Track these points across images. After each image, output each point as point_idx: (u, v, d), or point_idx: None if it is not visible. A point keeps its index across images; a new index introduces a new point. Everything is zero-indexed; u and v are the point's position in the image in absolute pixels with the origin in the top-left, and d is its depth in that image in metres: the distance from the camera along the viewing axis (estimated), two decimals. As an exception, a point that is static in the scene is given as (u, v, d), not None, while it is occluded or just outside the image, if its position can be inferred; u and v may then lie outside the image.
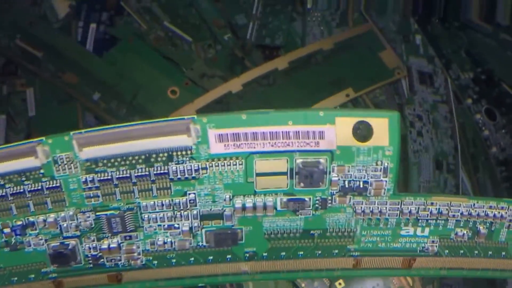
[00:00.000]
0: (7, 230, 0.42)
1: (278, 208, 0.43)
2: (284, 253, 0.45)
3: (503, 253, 0.45)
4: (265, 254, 0.45)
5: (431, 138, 0.64)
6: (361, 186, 0.41)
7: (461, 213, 0.44)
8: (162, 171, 0.41)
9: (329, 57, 0.66)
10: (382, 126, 0.40)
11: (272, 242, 0.44)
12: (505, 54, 0.69)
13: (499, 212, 0.44)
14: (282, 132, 0.40)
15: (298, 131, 0.40)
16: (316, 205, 0.42)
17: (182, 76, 0.64)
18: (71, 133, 0.39)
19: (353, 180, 0.41)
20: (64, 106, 0.62)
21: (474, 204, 0.43)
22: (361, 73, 0.66)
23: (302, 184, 0.41)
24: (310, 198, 0.42)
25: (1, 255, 0.43)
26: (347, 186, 0.41)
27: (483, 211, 0.44)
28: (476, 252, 0.45)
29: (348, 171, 0.41)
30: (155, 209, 0.42)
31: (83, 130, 0.39)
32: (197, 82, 0.64)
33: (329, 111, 0.39)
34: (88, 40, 0.65)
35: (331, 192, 0.42)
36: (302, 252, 0.45)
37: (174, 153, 0.40)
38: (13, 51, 0.63)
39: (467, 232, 0.44)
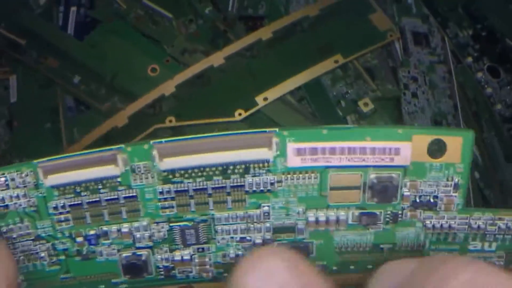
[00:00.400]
0: (80, 239, 0.43)
1: (350, 222, 0.43)
2: (353, 267, 0.45)
3: None
4: (335, 267, 0.44)
5: (427, 99, 0.60)
6: (432, 201, 0.42)
7: None
8: (238, 183, 0.41)
9: (315, 24, 0.64)
10: (456, 143, 0.40)
11: (342, 256, 0.44)
12: (507, 8, 0.64)
13: None
14: (360, 147, 0.40)
15: (375, 147, 0.40)
16: (387, 219, 0.42)
17: (163, 54, 0.63)
18: (151, 142, 0.40)
19: (424, 195, 0.42)
20: (44, 91, 0.62)
21: None
22: (350, 38, 0.63)
23: (375, 199, 0.42)
24: (381, 212, 0.42)
25: (72, 264, 0.44)
26: (418, 201, 0.42)
27: None
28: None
29: (420, 186, 0.41)
30: (229, 221, 0.43)
31: (163, 140, 0.40)
32: (178, 58, 0.62)
33: (407, 129, 0.40)
34: (69, 24, 0.64)
35: (402, 207, 0.42)
36: (371, 266, 0.44)
37: (252, 166, 0.40)
38: (-4, 41, 0.64)
39: None
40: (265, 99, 0.60)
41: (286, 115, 0.60)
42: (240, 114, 0.59)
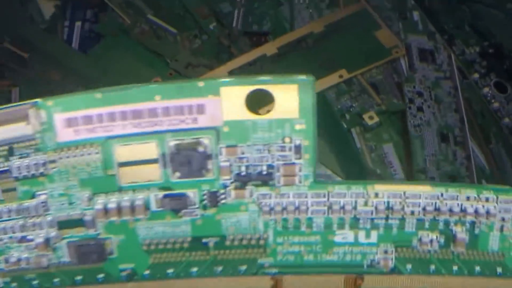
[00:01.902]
0: None
1: (153, 208, 0.34)
2: (172, 270, 0.36)
3: (499, 269, 0.34)
4: (146, 272, 0.36)
5: (433, 112, 0.59)
6: (265, 172, 0.33)
7: (424, 208, 0.33)
8: (3, 168, 0.34)
9: (320, 40, 0.63)
10: (288, 94, 0.32)
11: (154, 256, 0.36)
12: (513, 25, 0.64)
13: (483, 206, 0.32)
14: (148, 109, 0.33)
15: (168, 107, 0.32)
16: (205, 202, 0.34)
17: (166, 68, 0.62)
18: None
19: (252, 165, 0.33)
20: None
21: (442, 194, 0.33)
22: (355, 54, 0.63)
23: (178, 174, 0.33)
24: (194, 193, 0.34)
25: None
26: (244, 173, 0.33)
27: (458, 204, 0.32)
28: (456, 268, 0.34)
29: (243, 153, 0.33)
30: (2, 216, 0.35)
31: None
32: (181, 72, 0.62)
33: (211, 80, 0.32)
34: (73, 39, 0.65)
35: (222, 184, 0.33)
36: (195, 269, 0.36)
37: (15, 145, 0.34)
38: (1, 54, 0.64)
39: (436, 237, 0.34)
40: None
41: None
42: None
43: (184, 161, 0.33)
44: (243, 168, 0.33)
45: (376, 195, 0.33)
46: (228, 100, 0.32)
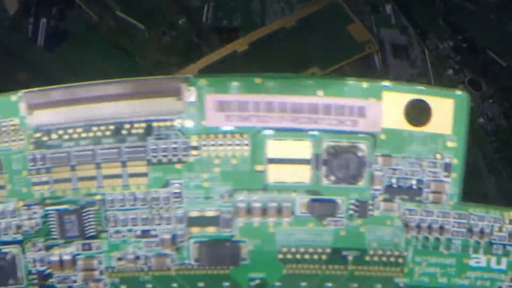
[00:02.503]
0: None
1: (297, 212, 0.32)
2: (305, 284, 0.33)
3: None
4: (277, 283, 0.33)
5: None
6: (415, 186, 0.31)
7: None
8: (136, 148, 0.31)
9: (291, 35, 0.62)
10: (445, 108, 0.31)
11: (288, 266, 0.33)
12: (488, 18, 0.63)
13: None
14: (309, 104, 0.30)
15: (330, 104, 0.30)
16: (351, 212, 0.32)
17: (136, 66, 0.61)
18: (20, 92, 0.31)
19: (403, 177, 0.31)
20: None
21: None
22: (328, 50, 0.62)
23: (332, 178, 0.31)
24: (342, 200, 0.32)
25: None
26: (395, 185, 0.31)
27: None
28: None
29: (397, 164, 0.31)
30: (125, 205, 0.31)
31: (36, 89, 0.32)
32: (151, 71, 0.61)
33: (375, 82, 0.30)
34: (39, 36, 0.63)
35: (372, 194, 0.31)
36: (330, 284, 0.33)
37: (155, 124, 0.30)
38: (-35, 54, 0.62)
39: None
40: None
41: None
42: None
43: (342, 164, 0.31)
44: (393, 180, 0.31)
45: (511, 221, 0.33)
46: (389, 106, 0.31)
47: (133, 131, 0.30)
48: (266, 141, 0.31)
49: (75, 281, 0.32)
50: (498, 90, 0.61)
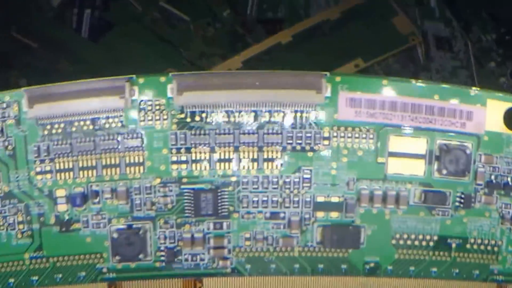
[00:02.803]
0: (61, 199, 0.33)
1: (411, 201, 0.35)
2: (413, 268, 0.36)
3: None
4: (390, 267, 0.36)
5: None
6: (510, 183, 0.35)
7: None
8: (273, 134, 0.34)
9: (336, 27, 0.62)
10: None
11: (400, 251, 0.36)
12: (531, 11, 0.63)
13: None
14: (426, 106, 0.34)
15: (444, 108, 0.34)
16: (457, 203, 0.35)
17: (179, 57, 0.61)
18: (171, 74, 0.33)
19: (501, 174, 0.35)
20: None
21: None
22: (371, 42, 0.62)
23: (444, 172, 0.34)
24: (450, 193, 0.35)
25: (48, 236, 0.34)
26: (493, 181, 0.35)
27: None
28: None
29: (496, 163, 0.35)
30: (258, 187, 0.34)
31: (187, 72, 0.33)
32: (195, 62, 0.61)
33: (481, 92, 0.34)
34: (83, 27, 0.63)
35: (475, 188, 0.35)
36: (435, 269, 0.36)
37: (293, 113, 0.33)
38: (8, 44, 0.62)
39: None
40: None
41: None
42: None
43: (452, 160, 0.34)
44: (493, 177, 0.35)
45: None
46: (492, 112, 0.34)
47: (272, 119, 0.34)
48: (388, 136, 0.35)
49: (202, 259, 0.35)
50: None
